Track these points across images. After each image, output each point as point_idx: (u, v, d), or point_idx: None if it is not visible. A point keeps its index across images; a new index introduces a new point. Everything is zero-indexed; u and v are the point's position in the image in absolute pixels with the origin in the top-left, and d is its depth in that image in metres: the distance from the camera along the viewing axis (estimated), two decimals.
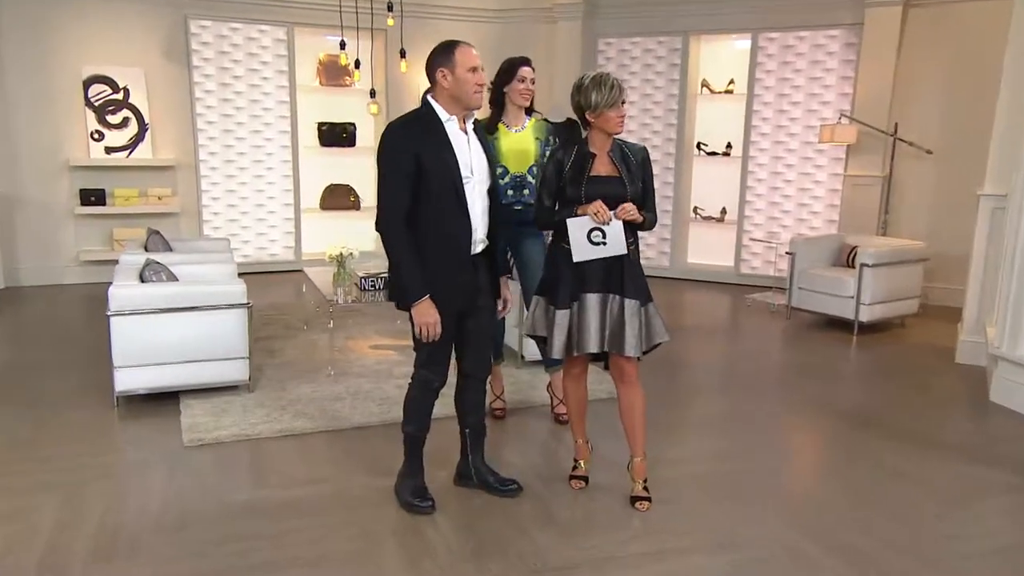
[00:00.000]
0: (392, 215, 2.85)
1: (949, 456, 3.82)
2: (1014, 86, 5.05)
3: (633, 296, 3.09)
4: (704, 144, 8.21)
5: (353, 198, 8.51)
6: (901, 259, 6.13)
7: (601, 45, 8.44)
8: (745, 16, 7.68)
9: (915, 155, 7.09)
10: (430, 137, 2.85)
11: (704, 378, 5.11)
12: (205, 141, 7.86)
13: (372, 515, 3.14)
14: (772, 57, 7.72)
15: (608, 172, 3.09)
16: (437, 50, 2.88)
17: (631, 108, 8.39)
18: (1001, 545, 3.03)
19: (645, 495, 3.26)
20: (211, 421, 4.02)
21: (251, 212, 8.12)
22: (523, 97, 3.89)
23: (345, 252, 5.10)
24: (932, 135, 7.00)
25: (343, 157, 8.45)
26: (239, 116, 7.95)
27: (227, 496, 3.30)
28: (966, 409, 4.55)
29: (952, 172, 6.85)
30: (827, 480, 3.63)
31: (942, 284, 6.82)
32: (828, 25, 7.45)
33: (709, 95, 8.15)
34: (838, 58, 7.48)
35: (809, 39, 7.57)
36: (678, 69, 8.10)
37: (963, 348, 5.38)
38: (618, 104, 3.02)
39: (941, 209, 6.94)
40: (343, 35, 6.61)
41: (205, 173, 7.90)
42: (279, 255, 8.26)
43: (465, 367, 3.17)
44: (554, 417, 4.17)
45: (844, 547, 2.94)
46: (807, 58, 7.60)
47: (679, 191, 8.25)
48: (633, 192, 3.07)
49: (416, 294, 2.87)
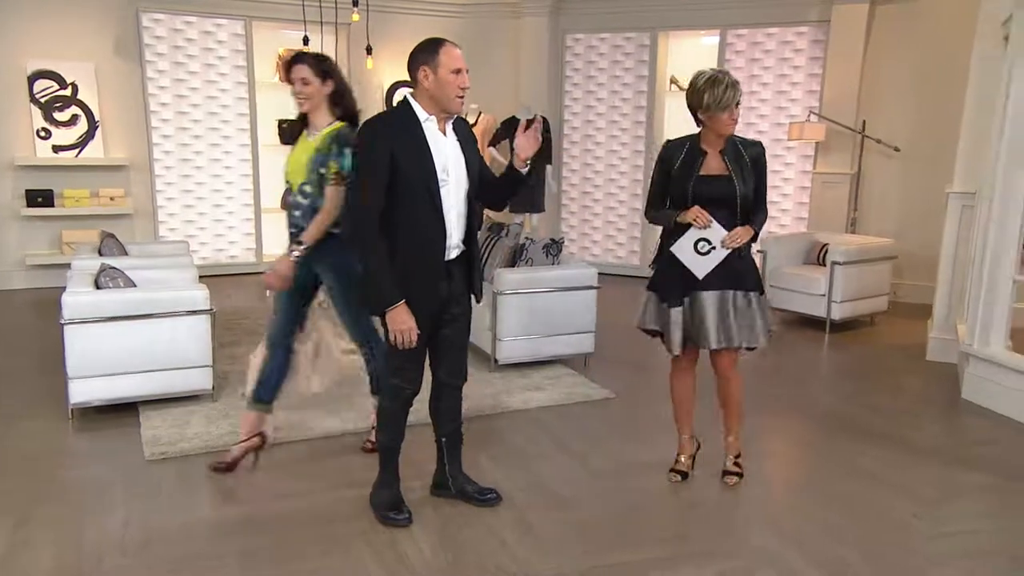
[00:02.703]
0: (365, 218, 2.79)
1: (925, 457, 3.88)
2: (981, 84, 5.16)
3: (752, 288, 3.23)
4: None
5: None
6: (871, 257, 6.23)
7: (569, 41, 8.44)
8: (713, 12, 7.74)
9: (883, 153, 7.22)
10: (406, 136, 2.79)
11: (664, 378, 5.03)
12: (159, 139, 7.67)
13: (346, 528, 3.08)
14: (740, 54, 7.80)
15: (719, 171, 3.16)
16: (421, 47, 2.81)
17: (600, 105, 8.44)
18: (980, 547, 3.08)
19: (735, 470, 3.48)
20: (174, 433, 3.92)
21: (209, 213, 7.95)
22: (296, 99, 3.40)
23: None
24: (900, 133, 7.13)
25: None
26: (195, 113, 7.78)
27: (193, 512, 3.21)
28: (939, 408, 4.64)
29: (919, 170, 6.99)
30: (805, 485, 3.65)
31: (910, 281, 6.95)
32: (796, 22, 7.55)
33: (678, 92, 8.19)
34: (806, 55, 7.58)
35: (777, 36, 7.66)
36: (647, 66, 8.14)
37: (933, 345, 5.48)
38: (731, 106, 3.07)
39: (909, 206, 7.07)
40: (306, 30, 6.48)
41: (160, 172, 7.71)
42: (239, 257, 8.11)
43: (440, 375, 3.13)
44: (214, 466, 3.51)
45: (825, 555, 2.97)
46: (775, 55, 7.69)
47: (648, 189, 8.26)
48: (744, 192, 3.15)
49: (390, 300, 2.82)
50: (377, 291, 2.86)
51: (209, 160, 7.87)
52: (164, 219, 7.78)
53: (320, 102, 3.38)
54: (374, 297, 2.89)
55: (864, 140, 7.23)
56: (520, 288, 4.86)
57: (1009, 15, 4.75)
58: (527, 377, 4.88)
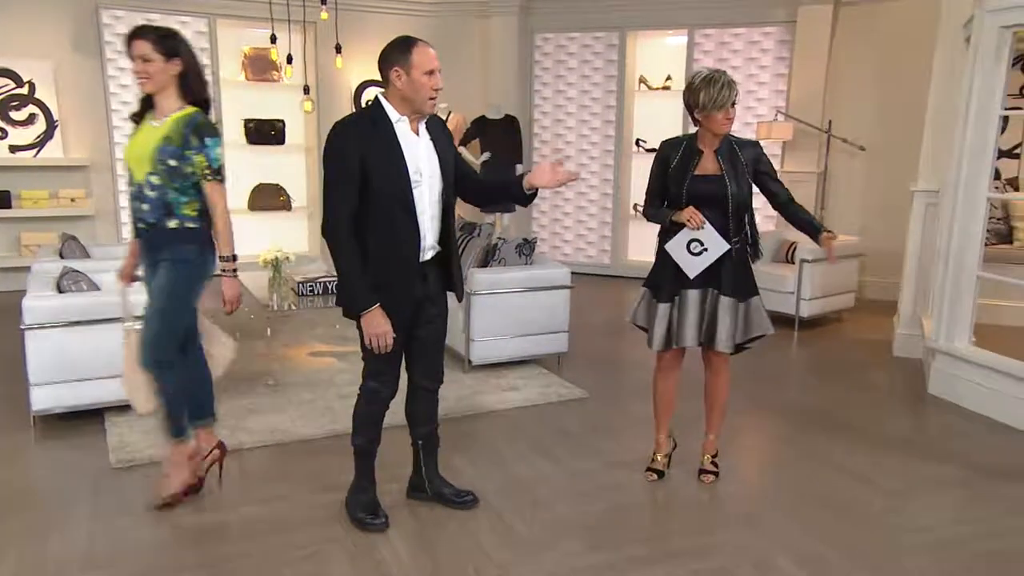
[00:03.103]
0: (337, 219, 2.75)
1: (895, 452, 3.94)
2: (944, 85, 5.27)
3: (730, 294, 3.23)
4: (643, 141, 8.30)
5: (283, 198, 8.28)
6: (838, 254, 6.29)
7: (538, 40, 8.44)
8: (681, 12, 7.80)
9: (849, 151, 7.33)
10: (378, 137, 2.75)
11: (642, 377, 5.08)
12: (122, 139, 7.49)
13: (321, 534, 3.04)
14: (709, 53, 7.86)
15: (713, 171, 3.18)
16: (393, 46, 2.76)
17: (569, 104, 8.45)
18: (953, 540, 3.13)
19: (712, 469, 3.52)
20: (141, 439, 3.83)
21: None
22: (137, 79, 3.03)
23: (280, 256, 4.93)
24: (864, 132, 7.25)
25: (272, 155, 8.21)
26: None
27: (161, 522, 3.13)
28: (907, 403, 4.71)
29: (884, 168, 7.11)
30: (779, 481, 3.69)
31: (876, 278, 7.06)
32: (762, 23, 7.63)
33: (647, 91, 8.25)
34: (772, 55, 7.67)
35: (744, 36, 7.74)
36: (615, 65, 8.17)
37: (900, 341, 5.58)
38: (727, 106, 3.08)
39: (874, 204, 7.18)
40: (273, 28, 6.38)
41: (122, 173, 7.53)
42: None
43: (416, 377, 3.10)
44: (161, 505, 3.21)
45: (803, 552, 2.99)
46: (742, 55, 7.77)
47: (618, 188, 8.31)
48: (736, 191, 3.17)
49: (365, 303, 2.78)
50: (351, 295, 2.83)
51: None
52: (127, 220, 7.60)
53: (166, 83, 3.02)
54: (348, 300, 2.86)
55: (830, 139, 7.34)
56: (494, 288, 4.84)
57: (970, 17, 4.85)
58: (501, 377, 4.86)
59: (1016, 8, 4.24)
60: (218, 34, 7.73)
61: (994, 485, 3.58)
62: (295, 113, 8.23)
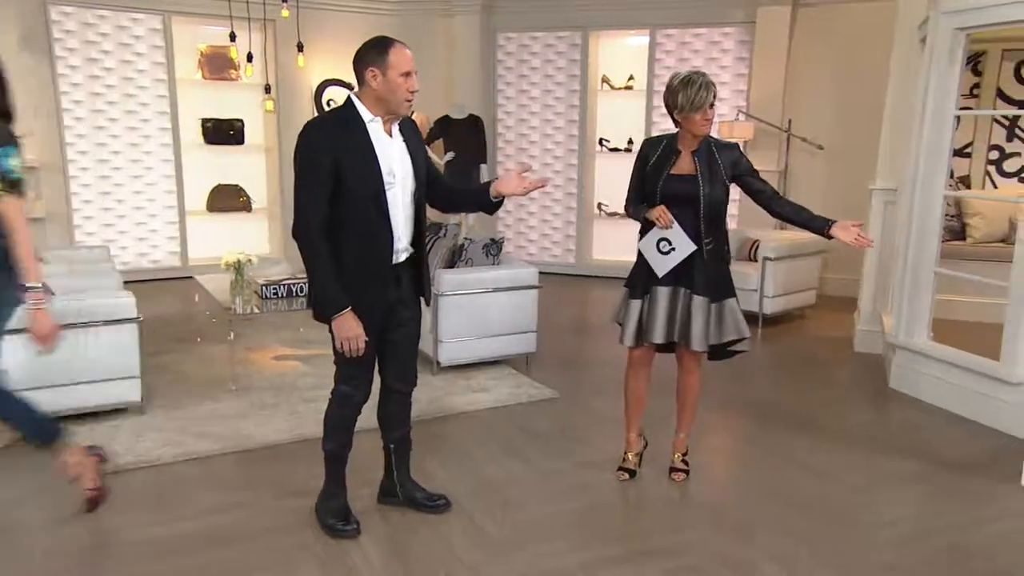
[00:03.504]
0: (308, 221, 2.71)
1: (859, 447, 4.01)
2: (901, 85, 5.38)
3: (703, 293, 3.24)
4: (606, 140, 8.35)
5: (243, 199, 8.15)
6: (800, 252, 6.42)
7: (501, 40, 8.44)
8: (643, 12, 7.85)
9: (808, 151, 7.46)
10: (350, 138, 2.71)
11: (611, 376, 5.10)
12: (73, 139, 7.32)
13: (291, 541, 2.99)
14: (670, 53, 7.93)
15: (688, 171, 3.20)
16: (369, 46, 2.72)
17: (533, 104, 8.45)
18: (918, 533, 3.20)
19: (682, 467, 3.55)
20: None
21: (129, 216, 7.63)
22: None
23: (243, 259, 4.85)
24: (823, 131, 7.38)
25: (231, 155, 8.08)
26: (112, 112, 7.45)
27: (124, 533, 3.05)
28: (869, 398, 4.80)
29: (842, 166, 7.25)
30: (748, 478, 3.73)
31: (836, 275, 7.19)
32: (722, 23, 7.73)
33: (609, 91, 8.29)
34: (732, 55, 7.77)
35: (705, 36, 7.83)
36: (578, 65, 8.20)
37: (860, 337, 5.69)
38: (704, 107, 3.10)
39: (833, 202, 7.26)
40: (232, 26, 6.27)
41: (74, 174, 7.36)
42: (162, 261, 7.80)
43: (388, 380, 3.06)
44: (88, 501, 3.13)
45: (773, 548, 3.03)
46: (703, 55, 7.85)
47: (582, 187, 8.35)
48: (708, 192, 3.19)
49: (336, 307, 2.75)
50: (323, 298, 2.79)
51: (128, 161, 7.55)
52: (80, 223, 7.42)
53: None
54: (320, 304, 2.82)
55: (790, 138, 7.46)
56: (461, 289, 4.82)
57: (925, 18, 4.97)
58: (470, 379, 4.84)
59: (970, 10, 4.35)
60: (173, 32, 7.57)
61: (955, 478, 3.66)
62: (254, 112, 8.11)
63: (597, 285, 8.04)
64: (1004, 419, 4.12)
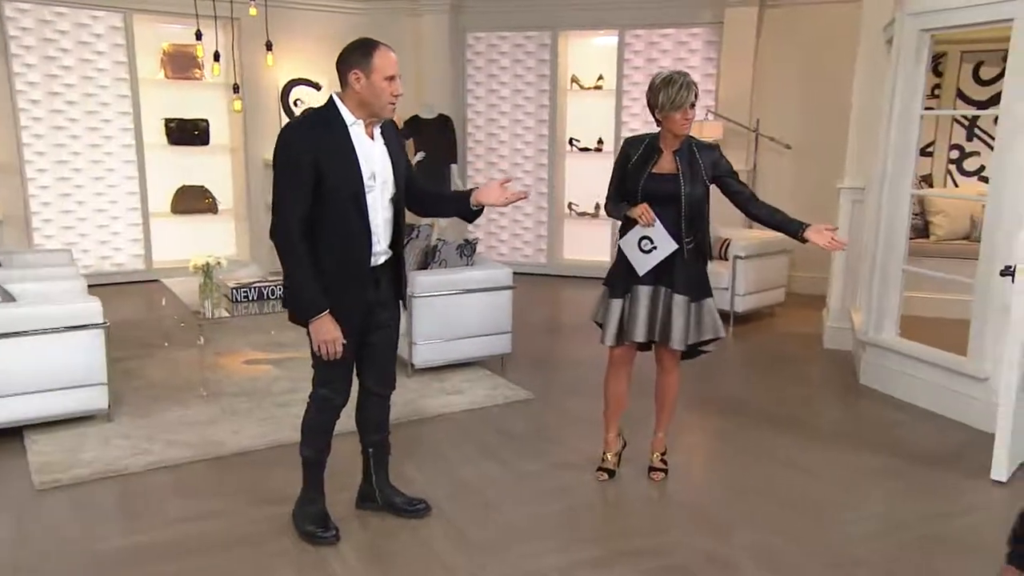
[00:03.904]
0: (287, 222, 2.67)
1: (832, 442, 4.07)
2: (867, 85, 5.47)
3: (683, 292, 3.25)
4: (576, 139, 8.36)
5: (209, 200, 8.00)
6: (769, 250, 6.49)
7: (470, 39, 8.40)
8: (611, 13, 7.87)
9: (777, 150, 7.55)
10: (331, 141, 2.67)
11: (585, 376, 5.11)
12: (31, 139, 7.11)
13: (269, 549, 2.94)
14: (639, 54, 7.97)
15: (668, 170, 3.21)
16: (354, 48, 2.68)
17: (503, 103, 8.44)
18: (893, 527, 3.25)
19: (661, 467, 3.57)
20: (66, 458, 3.63)
21: (90, 218, 7.44)
22: None
23: (212, 261, 4.76)
24: (791, 130, 7.47)
25: (196, 156, 7.92)
26: (71, 111, 7.26)
27: (94, 545, 2.97)
28: (840, 394, 4.87)
29: (809, 166, 7.35)
30: (725, 475, 3.76)
31: (804, 273, 7.29)
32: (690, 23, 7.78)
33: (579, 90, 8.31)
34: (701, 55, 7.83)
35: (673, 36, 7.88)
36: (547, 64, 8.19)
37: (830, 334, 5.77)
38: (684, 107, 3.10)
39: (801, 201, 7.35)
40: (198, 24, 6.15)
41: (32, 176, 7.15)
42: (125, 264, 7.62)
43: (368, 383, 3.03)
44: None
45: (753, 545, 3.04)
46: (672, 55, 7.90)
47: (553, 187, 8.35)
48: (690, 192, 3.20)
49: (314, 309, 2.70)
50: (300, 300, 2.75)
51: (89, 162, 7.36)
52: (39, 226, 7.22)
53: None
54: (298, 307, 2.77)
55: (758, 138, 7.54)
56: (436, 291, 4.79)
57: (891, 20, 5.05)
58: (445, 381, 4.81)
59: (935, 12, 4.43)
60: (135, 30, 7.40)
61: (925, 473, 3.72)
62: (219, 112, 7.98)
63: (568, 284, 8.05)
64: (972, 414, 4.21)
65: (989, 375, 4.13)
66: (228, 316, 4.79)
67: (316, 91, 8.23)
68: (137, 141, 7.51)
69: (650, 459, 3.60)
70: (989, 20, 4.15)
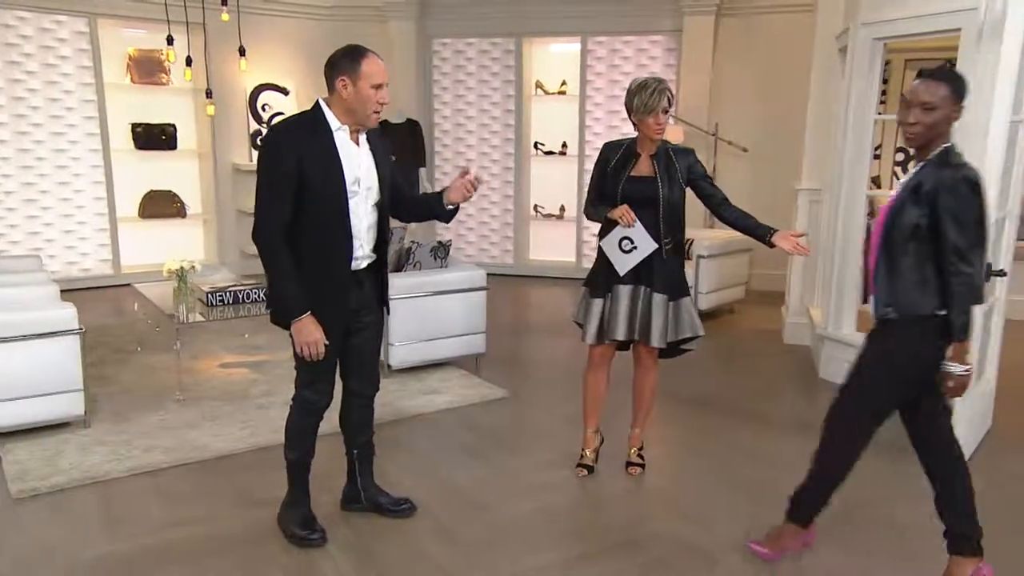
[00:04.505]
0: (269, 224, 2.61)
1: (797, 434, 4.10)
2: (822, 91, 5.57)
3: (661, 291, 3.26)
4: (541, 143, 8.36)
5: (177, 205, 7.80)
6: (730, 249, 6.58)
7: (436, 46, 8.35)
8: (574, 20, 7.89)
9: (735, 153, 7.65)
10: (315, 145, 2.61)
11: (557, 374, 5.13)
12: None
13: (256, 553, 2.87)
14: (601, 60, 8.00)
15: (647, 173, 3.22)
16: (343, 54, 2.62)
17: (470, 108, 8.40)
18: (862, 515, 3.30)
19: (639, 461, 3.58)
20: (44, 466, 3.50)
21: (57, 223, 7.20)
22: None
23: (186, 266, 4.64)
24: (748, 134, 7.58)
25: (163, 161, 7.72)
26: (35, 116, 7.01)
27: (77, 554, 2.87)
28: (801, 387, 4.95)
29: (766, 168, 7.46)
30: (698, 468, 3.76)
31: (762, 270, 7.40)
32: (650, 31, 7.84)
33: (543, 96, 8.31)
34: (661, 62, 7.90)
35: (634, 44, 7.92)
36: (513, 70, 8.18)
37: (789, 329, 5.86)
38: (657, 111, 3.12)
39: (759, 202, 7.38)
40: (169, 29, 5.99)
41: None
42: (93, 269, 7.40)
43: (352, 385, 2.97)
44: None
45: (734, 536, 3.06)
46: (633, 61, 7.95)
47: (519, 190, 8.35)
48: (667, 194, 3.21)
49: (297, 311, 2.65)
50: (282, 303, 2.69)
51: (55, 167, 7.12)
52: (4, 231, 6.97)
53: None
54: (279, 308, 2.71)
55: (717, 141, 7.63)
56: (411, 292, 4.74)
57: (844, 29, 5.15)
58: (422, 381, 4.76)
59: (887, 21, 4.52)
60: (100, 34, 7.19)
61: (885, 459, 3.76)
62: (187, 117, 7.80)
63: (535, 284, 8.04)
64: None
65: None
66: (203, 320, 4.68)
67: (284, 96, 8.11)
68: (104, 146, 7.29)
69: (628, 454, 3.60)
70: (938, 30, 4.23)
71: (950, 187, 2.37)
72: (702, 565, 2.87)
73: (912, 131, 2.44)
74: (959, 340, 2.44)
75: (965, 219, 2.37)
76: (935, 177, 2.40)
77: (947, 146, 2.45)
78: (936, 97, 2.39)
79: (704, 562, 2.88)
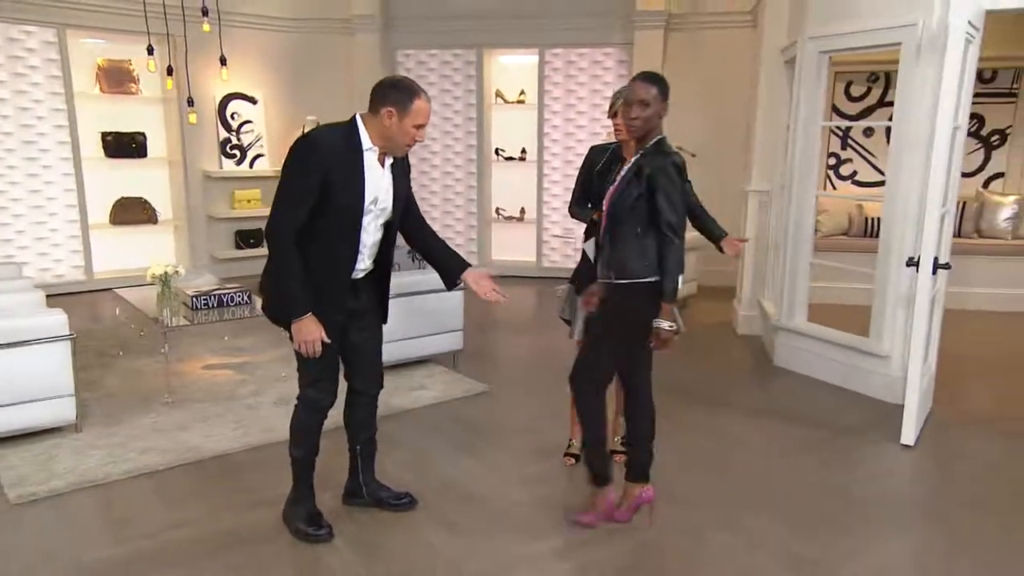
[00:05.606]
0: (283, 227, 2.54)
1: (761, 418, 4.19)
2: (769, 100, 5.67)
3: None
4: (502, 150, 8.33)
5: (148, 211, 7.52)
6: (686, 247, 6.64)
7: (400, 57, 8.24)
8: (532, 33, 7.87)
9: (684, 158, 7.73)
10: (343, 162, 2.54)
11: (532, 368, 5.13)
12: None
13: (264, 551, 2.77)
14: (558, 71, 8.01)
15: None
16: (396, 87, 2.55)
17: (433, 117, 8.26)
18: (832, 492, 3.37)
19: (621, 449, 3.46)
20: (39, 471, 3.32)
21: (28, 231, 6.86)
22: None
23: (170, 270, 4.47)
24: (695, 140, 7.67)
25: (134, 169, 7.42)
26: (5, 125, 6.67)
27: (80, 557, 2.73)
28: (759, 375, 5.03)
29: (712, 172, 7.53)
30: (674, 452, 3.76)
31: (710, 267, 7.50)
32: (603, 44, 7.88)
33: (503, 104, 8.27)
34: (614, 73, 7.94)
35: (588, 55, 7.95)
36: (474, 80, 8.13)
37: (742, 321, 5.96)
38: (617, 114, 3.10)
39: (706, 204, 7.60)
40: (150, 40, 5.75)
41: None
42: (66, 276, 7.07)
43: (355, 383, 2.90)
44: None
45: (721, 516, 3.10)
46: (588, 72, 7.98)
47: (481, 194, 8.30)
48: None
49: (298, 311, 2.58)
50: (286, 301, 2.61)
51: (25, 175, 6.78)
52: None
53: None
54: (281, 306, 2.64)
55: None
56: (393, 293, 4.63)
57: (790, 42, 5.26)
58: (407, 378, 4.68)
59: (833, 36, 4.63)
60: (69, 45, 6.87)
61: (844, 442, 3.88)
62: (156, 125, 7.53)
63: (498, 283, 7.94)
64: (878, 387, 4.42)
65: (889, 353, 4.36)
66: (188, 324, 4.51)
67: (252, 105, 7.89)
68: (74, 154, 6.97)
69: (611, 442, 3.60)
70: (880, 44, 4.35)
71: (662, 169, 2.67)
72: (690, 543, 2.89)
73: (634, 124, 2.71)
74: (668, 302, 2.73)
75: (674, 197, 2.68)
76: (652, 162, 2.69)
77: (660, 137, 2.75)
78: (650, 95, 2.68)
79: (692, 540, 2.90)
